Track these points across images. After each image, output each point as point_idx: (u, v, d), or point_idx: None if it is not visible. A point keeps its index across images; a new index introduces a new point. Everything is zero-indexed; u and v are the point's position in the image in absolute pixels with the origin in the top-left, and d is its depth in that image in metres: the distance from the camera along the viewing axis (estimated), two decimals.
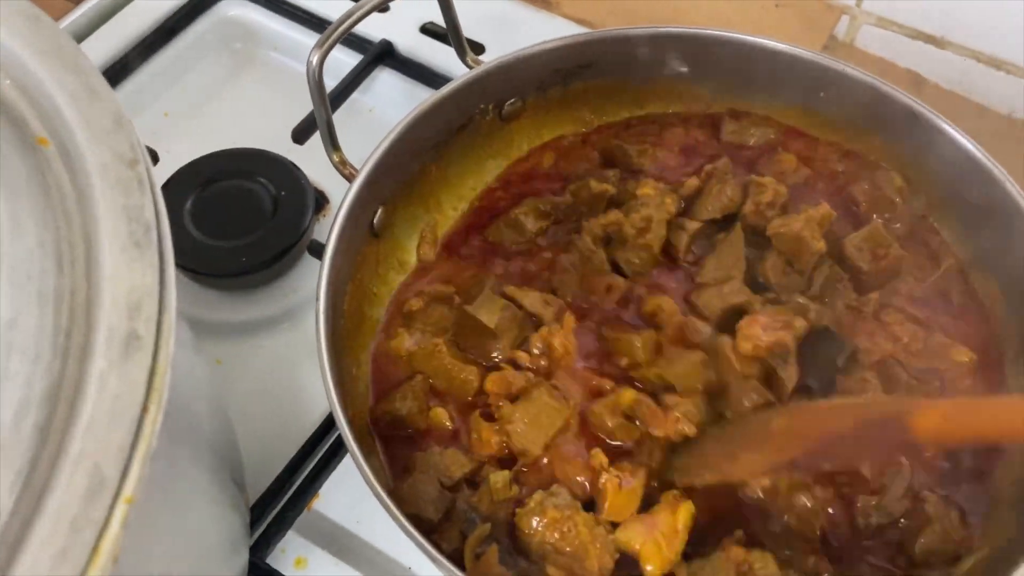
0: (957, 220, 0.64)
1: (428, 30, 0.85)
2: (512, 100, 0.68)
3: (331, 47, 0.57)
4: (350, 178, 0.59)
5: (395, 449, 0.57)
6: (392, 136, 0.60)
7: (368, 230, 0.61)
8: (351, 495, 0.63)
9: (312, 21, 0.86)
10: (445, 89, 0.63)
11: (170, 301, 0.34)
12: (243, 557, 0.56)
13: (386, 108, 0.85)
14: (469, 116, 0.66)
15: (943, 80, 0.83)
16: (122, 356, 0.32)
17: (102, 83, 0.39)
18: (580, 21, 0.85)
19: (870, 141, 0.66)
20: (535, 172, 0.70)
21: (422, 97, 0.83)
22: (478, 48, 0.83)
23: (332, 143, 0.61)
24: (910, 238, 0.64)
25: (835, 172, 0.67)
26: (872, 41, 0.83)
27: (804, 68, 0.65)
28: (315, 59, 0.57)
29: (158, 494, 0.36)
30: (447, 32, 0.68)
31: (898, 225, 0.64)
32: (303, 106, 0.76)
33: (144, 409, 0.31)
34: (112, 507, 0.29)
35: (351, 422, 0.51)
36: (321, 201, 0.77)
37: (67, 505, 0.29)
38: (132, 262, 0.34)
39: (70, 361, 0.32)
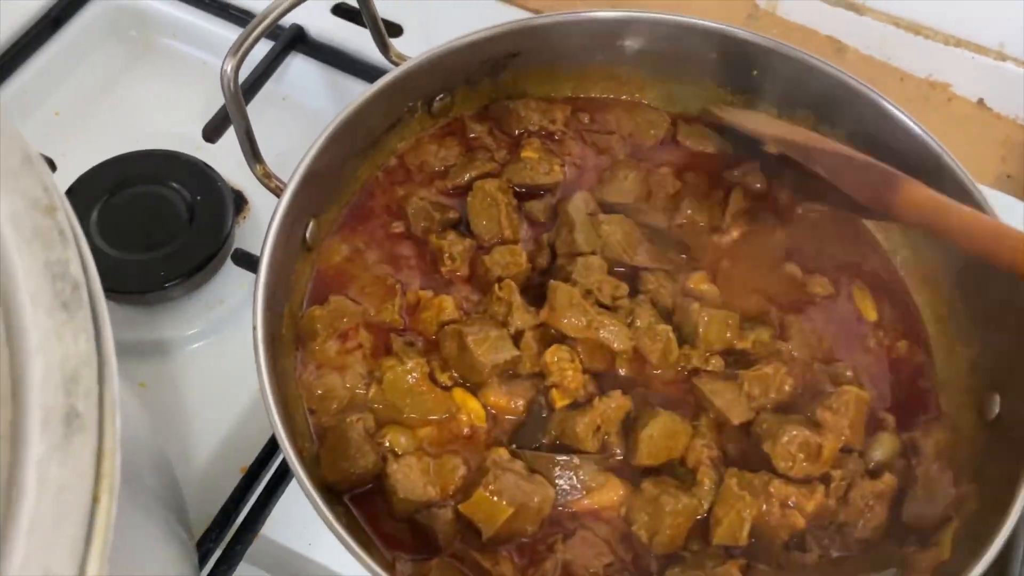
0: None
1: (341, 10, 0.80)
2: (441, 95, 0.64)
3: (247, 52, 0.53)
4: (277, 191, 0.55)
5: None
6: (318, 144, 0.56)
7: (300, 245, 0.57)
8: (301, 516, 0.60)
9: (212, 4, 0.80)
10: (370, 91, 0.59)
11: (111, 371, 0.30)
12: None
13: (300, 96, 0.80)
14: (398, 116, 0.62)
15: (863, 46, 0.83)
16: (63, 439, 0.28)
17: (2, 113, 0.34)
18: None
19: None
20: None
21: (337, 83, 0.79)
22: (395, 30, 0.79)
23: (254, 155, 0.56)
24: None
25: None
26: (792, 9, 0.83)
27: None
28: (230, 67, 0.52)
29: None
30: (368, 27, 0.63)
31: None
32: (210, 99, 0.71)
33: (95, 499, 0.28)
34: None
35: (300, 453, 0.48)
36: (240, 203, 0.72)
37: None
38: (61, 327, 0.30)
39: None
